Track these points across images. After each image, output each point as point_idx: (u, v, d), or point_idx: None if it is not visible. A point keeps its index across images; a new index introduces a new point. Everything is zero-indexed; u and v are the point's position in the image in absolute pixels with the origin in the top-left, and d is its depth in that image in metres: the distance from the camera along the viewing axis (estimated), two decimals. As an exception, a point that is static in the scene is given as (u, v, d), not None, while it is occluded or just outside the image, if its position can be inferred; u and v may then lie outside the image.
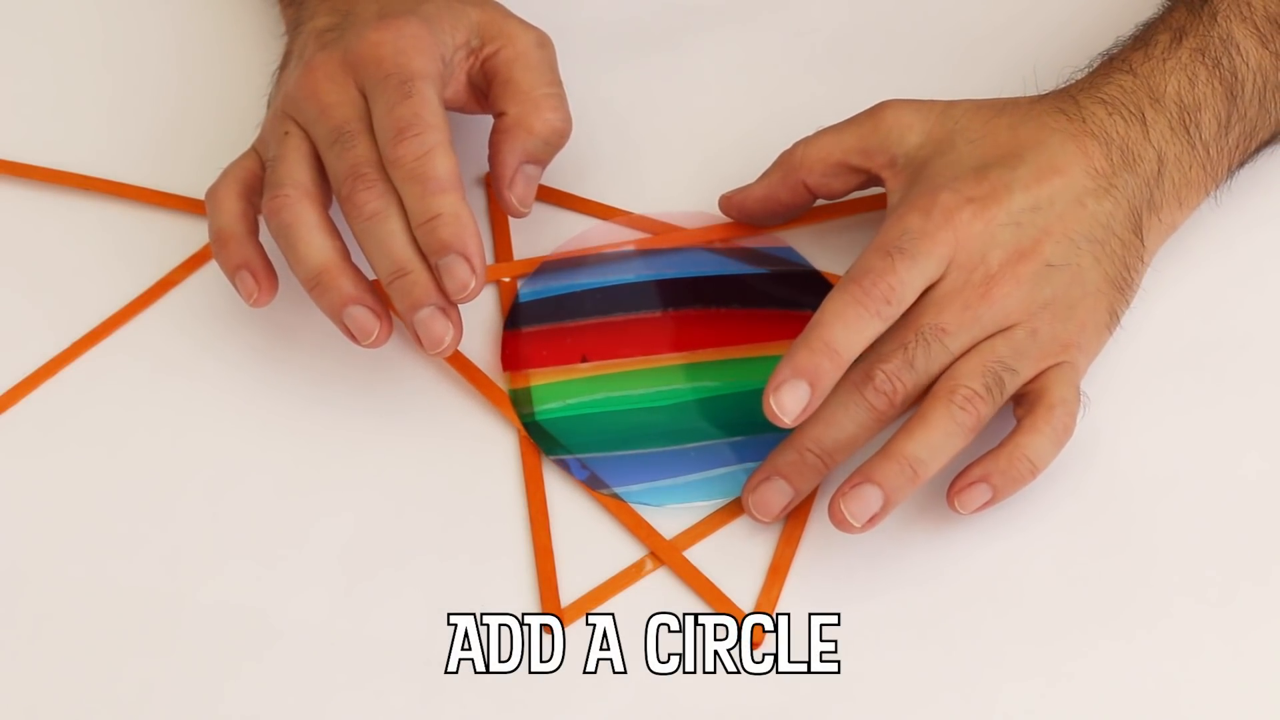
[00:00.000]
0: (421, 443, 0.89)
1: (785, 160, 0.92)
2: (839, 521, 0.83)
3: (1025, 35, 1.02)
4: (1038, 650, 0.84)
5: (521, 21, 0.93)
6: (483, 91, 0.93)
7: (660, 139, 0.97)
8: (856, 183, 0.92)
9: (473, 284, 0.85)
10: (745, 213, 0.94)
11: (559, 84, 0.92)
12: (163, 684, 0.84)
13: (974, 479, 0.85)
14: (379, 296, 0.87)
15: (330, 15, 0.92)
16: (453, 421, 0.90)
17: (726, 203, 0.94)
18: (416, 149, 0.85)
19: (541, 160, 0.92)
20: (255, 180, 0.90)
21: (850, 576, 0.86)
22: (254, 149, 0.91)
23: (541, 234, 0.95)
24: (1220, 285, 0.93)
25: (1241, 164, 0.92)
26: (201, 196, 0.92)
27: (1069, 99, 0.90)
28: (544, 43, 0.93)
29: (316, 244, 0.86)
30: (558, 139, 0.92)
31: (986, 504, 0.85)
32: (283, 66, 0.94)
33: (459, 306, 0.86)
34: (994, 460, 0.85)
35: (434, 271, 0.85)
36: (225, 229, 0.89)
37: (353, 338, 0.87)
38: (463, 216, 0.85)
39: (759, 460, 0.88)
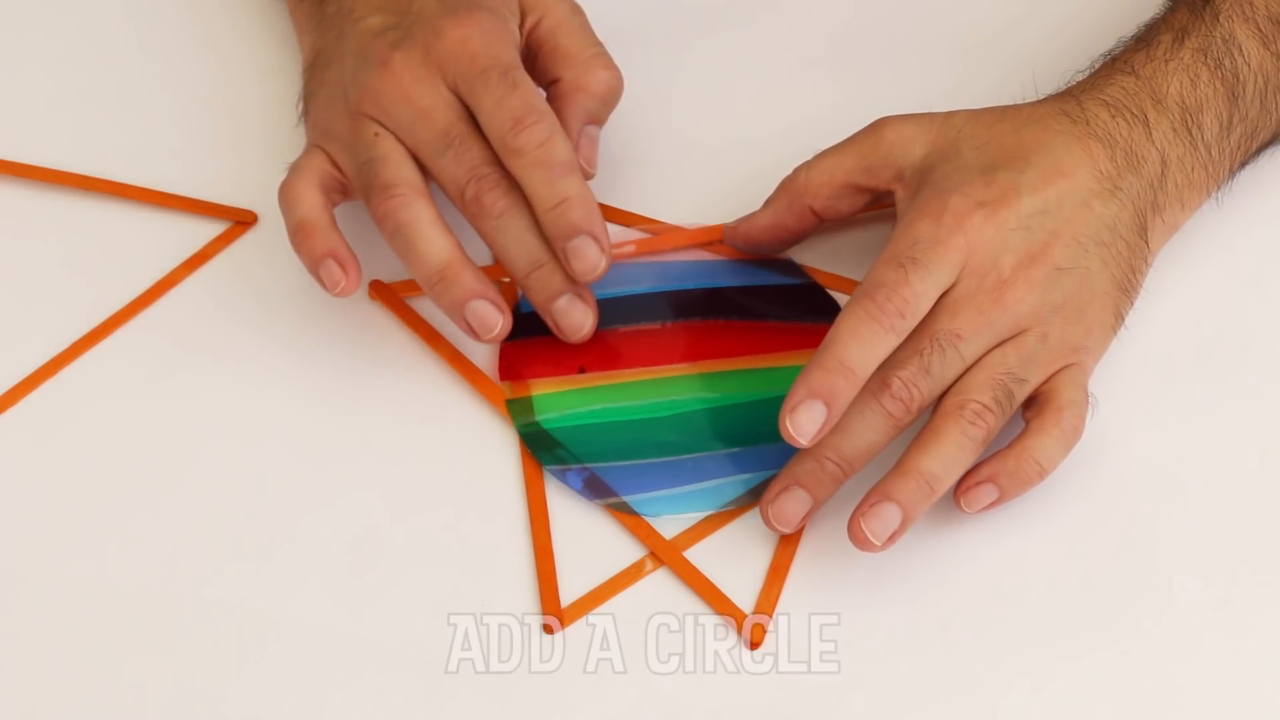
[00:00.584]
0: (422, 443, 0.89)
1: (788, 186, 0.92)
2: (860, 541, 0.83)
3: (1026, 36, 1.02)
4: (1039, 651, 0.84)
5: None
6: (529, 63, 0.93)
7: (661, 140, 0.97)
8: (863, 202, 0.91)
9: (603, 264, 0.87)
10: (752, 242, 0.94)
11: (601, 44, 0.94)
12: (163, 684, 0.84)
13: (982, 479, 0.85)
14: (499, 290, 0.88)
15: (383, 13, 0.91)
16: (453, 422, 0.90)
17: (732, 233, 0.94)
18: (538, 136, 0.86)
19: (600, 120, 0.93)
20: (330, 178, 0.90)
21: (850, 576, 0.86)
22: (319, 148, 0.91)
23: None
24: (1222, 285, 0.93)
25: (1243, 164, 0.92)
26: (202, 197, 0.92)
27: (1072, 100, 0.90)
28: (576, 8, 0.94)
29: (438, 242, 0.87)
30: (613, 96, 0.93)
31: (993, 504, 0.85)
32: (316, 65, 0.93)
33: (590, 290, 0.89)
34: (1002, 461, 0.85)
35: (562, 256, 0.87)
36: (308, 219, 0.89)
37: (473, 333, 0.88)
38: (589, 199, 0.87)
39: (757, 471, 0.88)
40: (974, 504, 0.85)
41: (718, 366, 0.92)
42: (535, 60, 0.93)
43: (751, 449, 0.89)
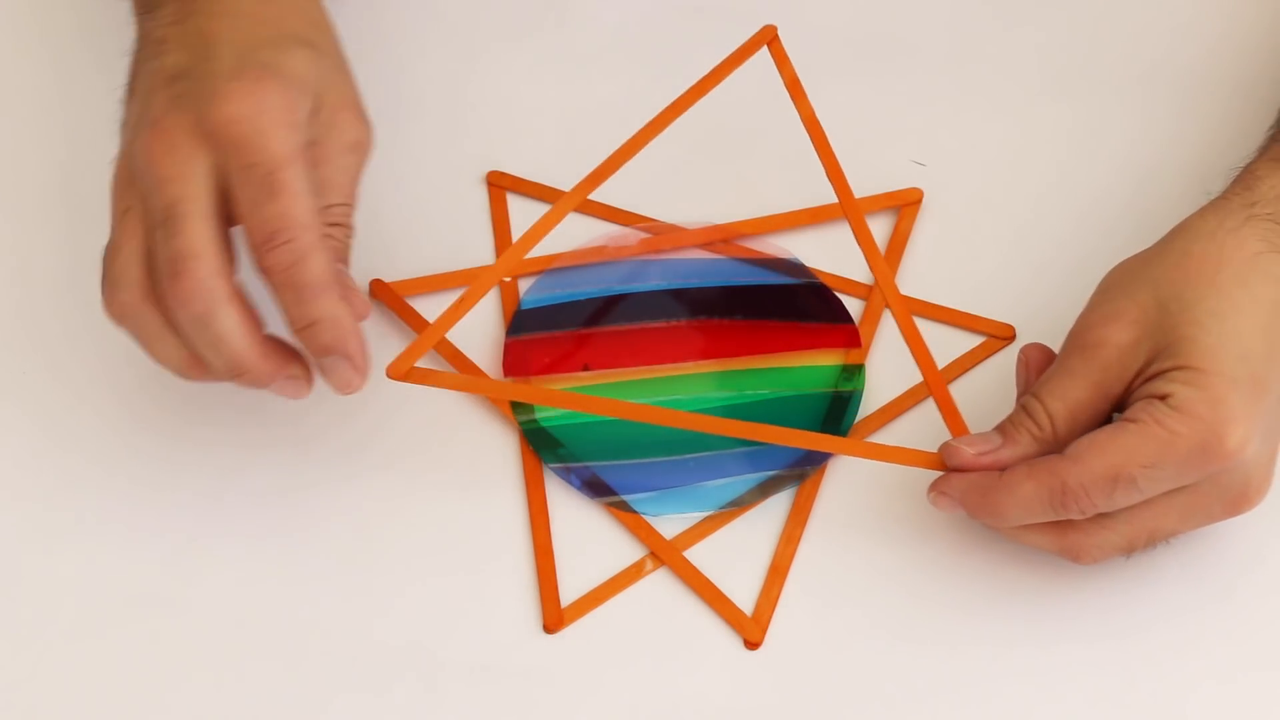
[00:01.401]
0: (422, 442, 0.89)
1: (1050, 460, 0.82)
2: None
3: (1026, 36, 1.02)
4: (1039, 651, 0.84)
5: (355, 110, 0.88)
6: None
7: (661, 140, 0.97)
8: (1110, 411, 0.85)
9: (356, 382, 0.84)
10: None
11: (353, 197, 0.88)
12: (163, 684, 0.84)
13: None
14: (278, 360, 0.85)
15: (180, 50, 0.86)
16: (453, 421, 0.90)
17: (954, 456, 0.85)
18: (288, 257, 0.82)
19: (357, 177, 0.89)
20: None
21: (850, 576, 0.86)
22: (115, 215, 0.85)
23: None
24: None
25: None
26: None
27: (1278, 229, 0.84)
28: (359, 146, 0.88)
29: (167, 353, 0.84)
30: (362, 149, 0.88)
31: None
32: (128, 97, 0.88)
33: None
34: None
35: (317, 368, 0.84)
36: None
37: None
38: (340, 319, 0.83)
39: (758, 470, 0.88)
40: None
41: (721, 366, 0.92)
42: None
43: (753, 449, 0.89)
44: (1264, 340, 0.81)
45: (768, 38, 0.92)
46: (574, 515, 0.88)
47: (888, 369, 0.91)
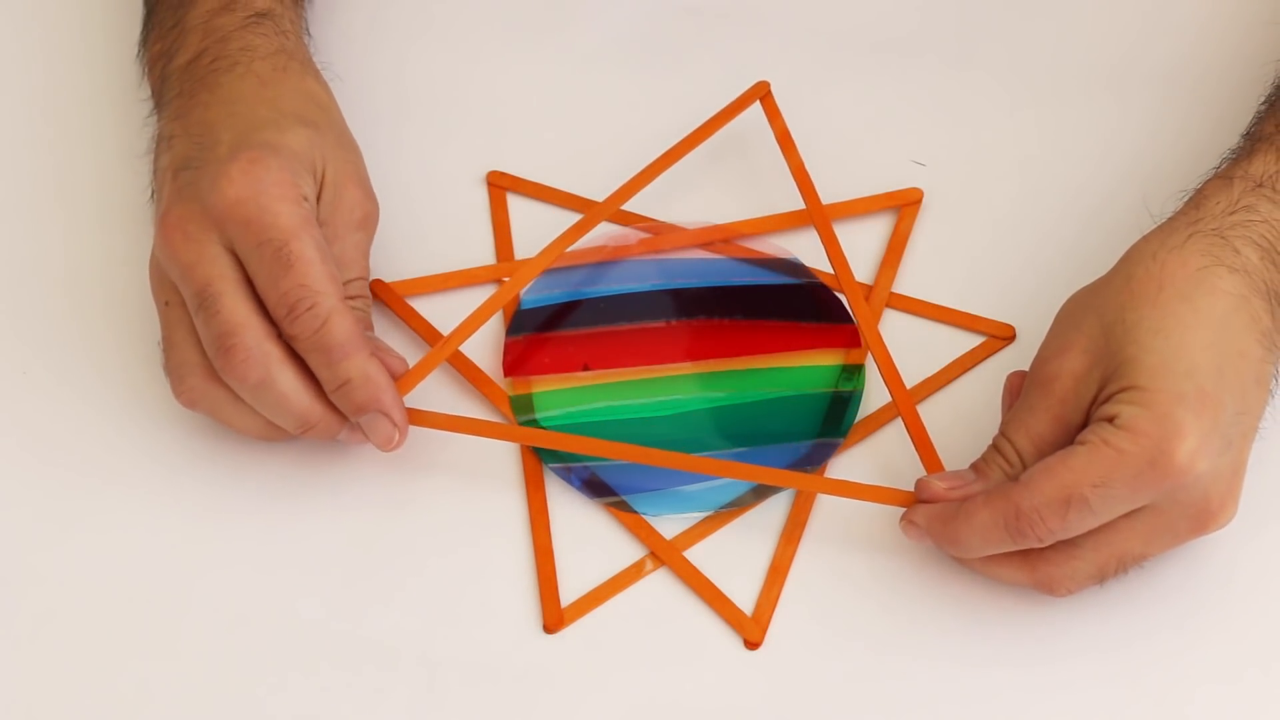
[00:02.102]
0: (422, 442, 0.89)
1: (1004, 486, 0.83)
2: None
3: (1027, 36, 1.01)
4: (1038, 651, 0.84)
5: (360, 185, 0.90)
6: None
7: (661, 140, 0.97)
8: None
9: (396, 437, 0.86)
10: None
11: (366, 270, 0.90)
12: (162, 684, 0.84)
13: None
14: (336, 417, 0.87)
15: (185, 142, 0.88)
16: (453, 421, 0.90)
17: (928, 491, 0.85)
18: (312, 323, 0.84)
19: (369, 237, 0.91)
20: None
21: (850, 576, 0.86)
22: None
23: (543, 234, 0.95)
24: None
25: None
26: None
27: (1222, 242, 0.84)
28: (366, 221, 0.90)
29: (245, 423, 0.87)
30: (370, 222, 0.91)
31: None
32: (153, 196, 0.90)
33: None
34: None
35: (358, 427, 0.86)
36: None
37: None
38: (372, 377, 0.85)
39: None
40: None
41: (721, 366, 0.92)
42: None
43: (753, 449, 0.89)
44: (1212, 354, 0.81)
45: (760, 93, 0.95)
46: (574, 515, 0.88)
47: (888, 369, 0.91)
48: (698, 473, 0.87)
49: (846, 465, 0.89)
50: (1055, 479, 0.80)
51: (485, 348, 0.93)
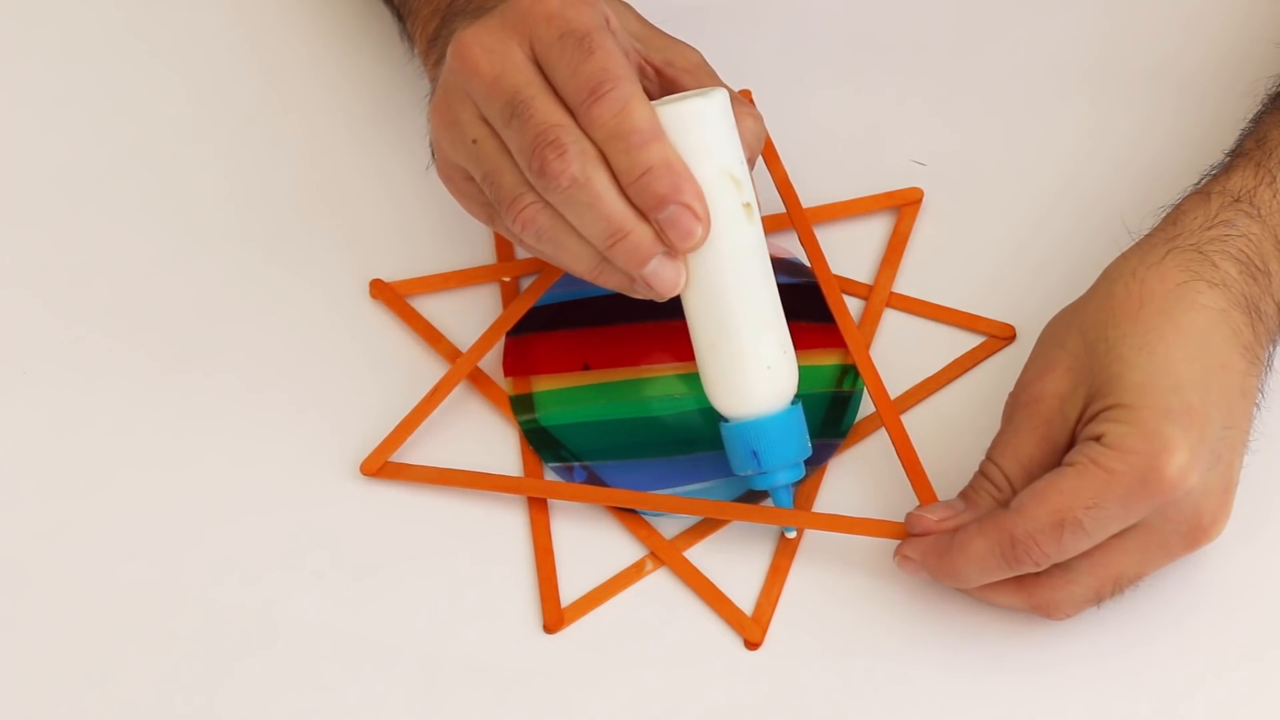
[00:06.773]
0: (421, 443, 0.89)
1: (996, 514, 0.83)
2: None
3: (1027, 36, 1.01)
4: (1038, 651, 0.84)
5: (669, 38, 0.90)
6: None
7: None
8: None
9: (699, 231, 0.81)
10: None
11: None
12: (162, 684, 0.84)
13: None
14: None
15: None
16: (453, 421, 0.90)
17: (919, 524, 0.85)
18: (613, 105, 0.80)
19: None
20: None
21: (850, 576, 0.86)
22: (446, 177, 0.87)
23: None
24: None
25: None
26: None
27: (1201, 258, 0.84)
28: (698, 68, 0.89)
29: (580, 250, 0.83)
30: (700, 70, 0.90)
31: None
32: (435, 64, 0.90)
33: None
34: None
35: (656, 228, 0.81)
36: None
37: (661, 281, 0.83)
38: (675, 165, 0.81)
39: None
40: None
41: (722, 365, 0.92)
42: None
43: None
44: (1196, 368, 0.81)
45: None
46: (574, 515, 0.88)
47: (888, 369, 0.91)
48: (693, 515, 0.87)
49: (846, 465, 0.89)
50: (1047, 503, 0.80)
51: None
